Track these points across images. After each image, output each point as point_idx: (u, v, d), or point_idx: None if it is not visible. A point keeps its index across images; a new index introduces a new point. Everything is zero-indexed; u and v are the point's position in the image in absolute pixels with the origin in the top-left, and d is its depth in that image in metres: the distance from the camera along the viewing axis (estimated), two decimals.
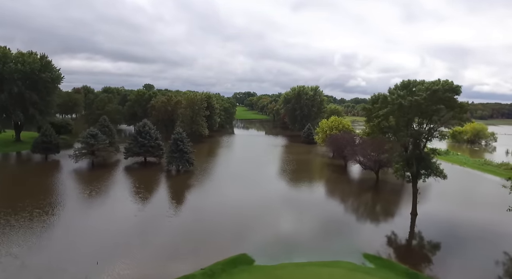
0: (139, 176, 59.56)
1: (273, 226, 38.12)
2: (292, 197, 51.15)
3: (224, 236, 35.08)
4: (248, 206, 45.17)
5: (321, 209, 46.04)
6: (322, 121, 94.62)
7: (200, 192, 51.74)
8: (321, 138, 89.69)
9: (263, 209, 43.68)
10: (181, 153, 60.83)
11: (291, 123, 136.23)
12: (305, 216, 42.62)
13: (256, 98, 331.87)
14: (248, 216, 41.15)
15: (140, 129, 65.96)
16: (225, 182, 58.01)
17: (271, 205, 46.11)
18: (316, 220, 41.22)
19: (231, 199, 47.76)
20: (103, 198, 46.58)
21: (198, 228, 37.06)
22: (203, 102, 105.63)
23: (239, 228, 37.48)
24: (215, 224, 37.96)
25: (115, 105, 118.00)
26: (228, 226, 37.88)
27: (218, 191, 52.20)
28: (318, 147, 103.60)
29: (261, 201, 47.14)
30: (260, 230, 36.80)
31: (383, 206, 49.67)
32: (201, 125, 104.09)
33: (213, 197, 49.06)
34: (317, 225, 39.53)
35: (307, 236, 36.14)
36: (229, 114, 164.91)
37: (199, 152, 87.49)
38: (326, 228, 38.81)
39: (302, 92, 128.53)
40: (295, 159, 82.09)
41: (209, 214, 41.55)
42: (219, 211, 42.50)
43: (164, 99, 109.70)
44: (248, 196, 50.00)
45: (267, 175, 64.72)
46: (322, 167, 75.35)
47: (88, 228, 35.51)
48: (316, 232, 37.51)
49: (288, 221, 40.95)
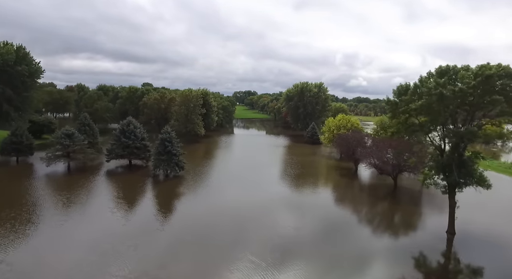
0: (120, 182, 51.58)
1: (274, 245, 30.08)
2: (295, 205, 43.11)
3: (217, 258, 27.17)
4: (246, 218, 37.24)
5: (330, 222, 38.16)
6: (329, 119, 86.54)
7: (189, 203, 43.74)
8: (328, 138, 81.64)
9: (264, 221, 35.73)
10: (169, 155, 52.86)
11: (293, 122, 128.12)
12: (311, 230, 34.64)
13: (256, 97, 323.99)
14: (247, 230, 33.17)
15: (124, 128, 57.97)
16: (220, 190, 49.98)
17: (273, 214, 38.22)
18: (325, 238, 33.20)
19: (226, 210, 39.80)
20: (72, 210, 38.57)
21: (185, 250, 29.20)
22: (198, 99, 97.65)
23: (235, 246, 29.54)
24: (205, 245, 30.00)
25: (105, 103, 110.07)
26: (222, 243, 29.95)
27: (211, 201, 44.17)
28: (323, 148, 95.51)
29: (262, 211, 39.23)
30: (261, 252, 28.74)
31: (404, 219, 41.68)
32: (196, 124, 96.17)
33: (204, 209, 41.05)
34: (327, 245, 31.50)
35: (315, 259, 28.21)
36: (228, 113, 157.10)
37: (194, 154, 79.69)
38: (339, 248, 30.80)
39: (305, 89, 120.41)
40: (299, 161, 73.99)
41: (199, 231, 33.63)
42: (212, 227, 34.54)
43: (157, 96, 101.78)
44: (247, 205, 42.03)
45: (268, 180, 56.69)
46: (330, 171, 67.28)
47: (59, 248, 27.75)
48: (326, 254, 29.58)
49: (291, 237, 32.80)
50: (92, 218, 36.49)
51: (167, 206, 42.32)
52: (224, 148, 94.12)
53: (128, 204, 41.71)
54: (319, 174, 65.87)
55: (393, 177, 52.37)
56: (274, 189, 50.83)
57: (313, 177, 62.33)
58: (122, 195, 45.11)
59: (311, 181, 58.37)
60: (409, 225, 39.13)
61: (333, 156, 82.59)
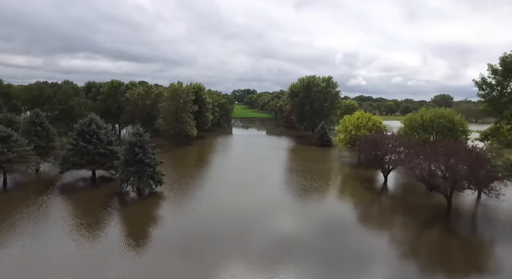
0: (74, 203, 37.43)
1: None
2: (318, 244, 29.09)
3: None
4: (244, 257, 23.24)
5: (361, 255, 24.13)
6: (345, 118, 72.28)
7: (167, 232, 29.62)
8: (344, 140, 67.43)
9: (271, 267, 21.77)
10: (141, 166, 38.77)
11: (298, 121, 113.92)
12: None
13: (256, 95, 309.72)
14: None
15: (83, 128, 43.76)
16: (209, 214, 35.82)
17: (283, 254, 24.15)
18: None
19: (215, 244, 25.70)
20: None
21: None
22: (190, 94, 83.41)
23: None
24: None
25: (83, 99, 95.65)
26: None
27: (197, 230, 30.05)
28: (335, 152, 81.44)
29: (264, 254, 25.18)
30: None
31: (467, 257, 27.75)
32: (187, 123, 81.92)
33: (187, 241, 26.97)
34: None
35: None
36: (226, 111, 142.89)
37: (181, 160, 65.57)
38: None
39: (312, 84, 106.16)
40: (310, 169, 59.70)
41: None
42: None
43: (141, 91, 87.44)
44: (243, 240, 27.97)
45: (273, 200, 42.59)
46: (350, 182, 53.07)
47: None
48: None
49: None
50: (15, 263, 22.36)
51: (135, 239, 28.22)
52: (220, 152, 79.86)
53: (78, 240, 27.55)
54: (338, 188, 51.73)
55: (447, 195, 38.29)
56: (282, 219, 36.72)
57: (331, 192, 48.22)
58: (71, 224, 30.97)
59: (330, 198, 44.36)
60: (477, 269, 25.29)
61: (349, 162, 68.52)
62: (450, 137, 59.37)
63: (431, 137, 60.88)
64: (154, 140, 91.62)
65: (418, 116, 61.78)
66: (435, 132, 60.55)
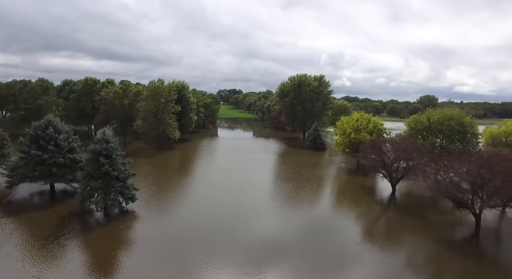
0: (24, 226, 29.71)
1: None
2: (319, 266, 22.61)
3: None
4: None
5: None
6: (342, 119, 66.21)
7: (142, 265, 22.45)
8: (343, 144, 61.26)
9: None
10: (107, 179, 31.34)
11: (289, 122, 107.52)
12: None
13: (242, 95, 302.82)
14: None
15: (37, 132, 35.87)
16: (191, 241, 28.76)
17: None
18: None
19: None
20: None
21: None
22: (172, 93, 75.77)
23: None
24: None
25: (53, 98, 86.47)
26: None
27: (179, 260, 22.97)
28: (329, 156, 75.48)
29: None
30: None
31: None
32: (169, 125, 74.26)
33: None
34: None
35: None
36: (211, 111, 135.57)
37: (161, 168, 58.02)
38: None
39: (304, 83, 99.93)
40: (305, 177, 53.27)
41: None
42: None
43: (118, 89, 79.13)
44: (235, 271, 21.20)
45: (268, 217, 35.88)
46: (350, 191, 46.85)
47: None
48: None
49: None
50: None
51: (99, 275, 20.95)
52: (204, 158, 72.48)
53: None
54: (340, 199, 45.40)
55: (475, 213, 32.42)
56: (279, 237, 30.01)
57: (332, 203, 41.87)
58: (15, 257, 23.35)
59: (332, 212, 37.98)
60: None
61: (347, 168, 62.53)
62: (459, 141, 54.33)
63: (438, 141, 55.66)
64: (133, 144, 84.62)
65: (425, 118, 56.32)
66: (443, 135, 55.27)
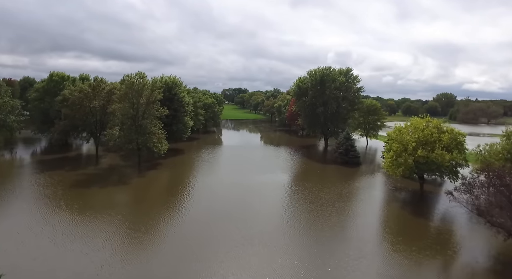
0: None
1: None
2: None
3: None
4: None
5: None
6: (397, 127, 45.61)
7: None
8: (404, 164, 40.72)
9: None
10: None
11: (308, 127, 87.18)
12: None
13: (248, 95, 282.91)
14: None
15: None
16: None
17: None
18: None
19: None
20: None
21: None
22: (156, 91, 55.88)
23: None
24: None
25: (7, 98, 66.95)
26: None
27: None
28: (371, 176, 55.37)
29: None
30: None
31: None
32: (153, 134, 54.36)
33: None
34: None
35: None
36: (213, 113, 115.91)
37: (135, 201, 36.98)
38: None
39: (327, 78, 79.62)
40: (350, 222, 33.31)
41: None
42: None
43: (86, 87, 59.44)
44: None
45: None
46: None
47: None
48: None
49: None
50: None
51: None
52: (200, 180, 52.48)
53: None
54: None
55: None
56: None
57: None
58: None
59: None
60: None
61: (407, 202, 42.40)
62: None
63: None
64: (107, 159, 63.44)
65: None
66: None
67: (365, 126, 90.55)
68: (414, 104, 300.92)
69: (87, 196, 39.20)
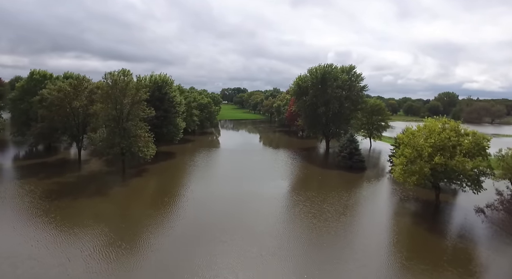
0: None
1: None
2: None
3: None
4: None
5: None
6: (409, 130, 40.55)
7: None
8: (420, 173, 35.63)
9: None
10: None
11: (309, 128, 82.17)
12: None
13: (247, 94, 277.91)
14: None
15: None
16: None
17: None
18: None
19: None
20: None
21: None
22: (141, 91, 50.81)
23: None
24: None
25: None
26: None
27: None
28: (378, 183, 50.35)
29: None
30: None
31: None
32: (139, 138, 49.31)
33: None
34: None
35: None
36: (209, 113, 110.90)
37: (115, 216, 31.64)
38: None
39: (329, 76, 74.59)
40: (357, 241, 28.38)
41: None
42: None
43: (66, 86, 54.39)
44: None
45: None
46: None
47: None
48: None
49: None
50: None
51: None
52: (189, 191, 47.53)
53: None
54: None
55: None
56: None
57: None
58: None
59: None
60: None
61: (415, 213, 37.42)
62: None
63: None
64: (89, 164, 57.90)
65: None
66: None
67: (369, 127, 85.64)
68: (416, 104, 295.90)
69: (53, 210, 34.06)
